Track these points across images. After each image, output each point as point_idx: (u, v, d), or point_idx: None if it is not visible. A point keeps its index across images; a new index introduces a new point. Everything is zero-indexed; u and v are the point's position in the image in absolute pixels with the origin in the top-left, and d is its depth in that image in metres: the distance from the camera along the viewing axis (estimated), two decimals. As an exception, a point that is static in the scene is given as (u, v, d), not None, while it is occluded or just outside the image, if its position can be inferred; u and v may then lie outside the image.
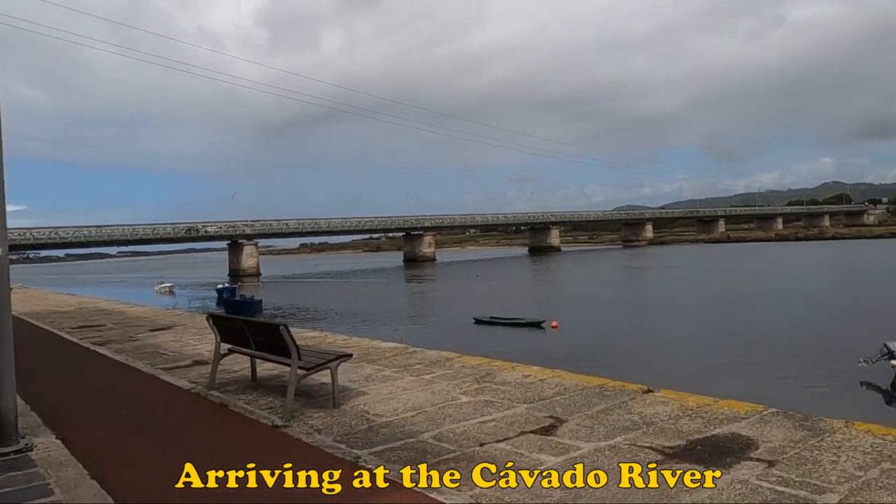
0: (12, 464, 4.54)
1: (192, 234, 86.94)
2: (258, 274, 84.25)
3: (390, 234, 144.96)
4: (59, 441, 5.00)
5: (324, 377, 5.86)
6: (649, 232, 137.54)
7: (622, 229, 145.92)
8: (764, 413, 4.81)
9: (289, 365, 5.42)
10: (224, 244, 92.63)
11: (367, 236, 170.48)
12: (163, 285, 66.59)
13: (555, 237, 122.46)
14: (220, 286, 48.18)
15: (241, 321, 6.09)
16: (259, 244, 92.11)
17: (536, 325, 27.87)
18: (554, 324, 27.36)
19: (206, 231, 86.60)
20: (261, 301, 43.29)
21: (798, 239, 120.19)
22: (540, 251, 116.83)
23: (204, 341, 10.19)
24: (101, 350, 9.80)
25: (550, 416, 4.97)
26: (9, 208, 4.77)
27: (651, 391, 5.62)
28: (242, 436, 4.95)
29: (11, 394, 4.83)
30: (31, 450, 4.80)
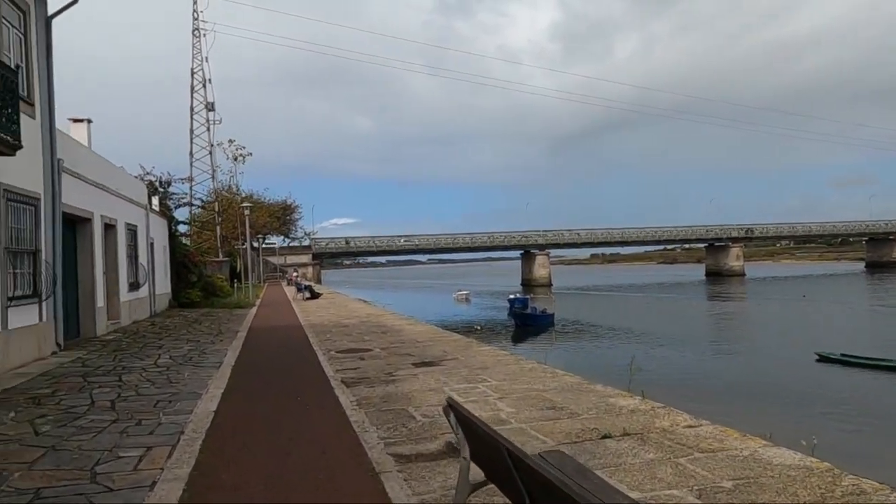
0: None
1: (487, 244, 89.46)
2: (550, 284, 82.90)
3: (687, 246, 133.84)
4: None
5: None
6: None
7: None
8: None
9: None
10: (517, 254, 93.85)
11: (662, 247, 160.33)
12: (460, 293, 68.62)
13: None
14: (511, 297, 46.92)
15: (507, 448, 2.68)
16: (550, 254, 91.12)
17: (921, 371, 20.37)
18: (952, 372, 19.66)
19: (500, 241, 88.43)
20: (553, 315, 40.51)
21: None
22: (883, 267, 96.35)
23: (473, 393, 7.24)
24: (343, 397, 7.41)
25: None
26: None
27: None
28: None
29: None
30: None
